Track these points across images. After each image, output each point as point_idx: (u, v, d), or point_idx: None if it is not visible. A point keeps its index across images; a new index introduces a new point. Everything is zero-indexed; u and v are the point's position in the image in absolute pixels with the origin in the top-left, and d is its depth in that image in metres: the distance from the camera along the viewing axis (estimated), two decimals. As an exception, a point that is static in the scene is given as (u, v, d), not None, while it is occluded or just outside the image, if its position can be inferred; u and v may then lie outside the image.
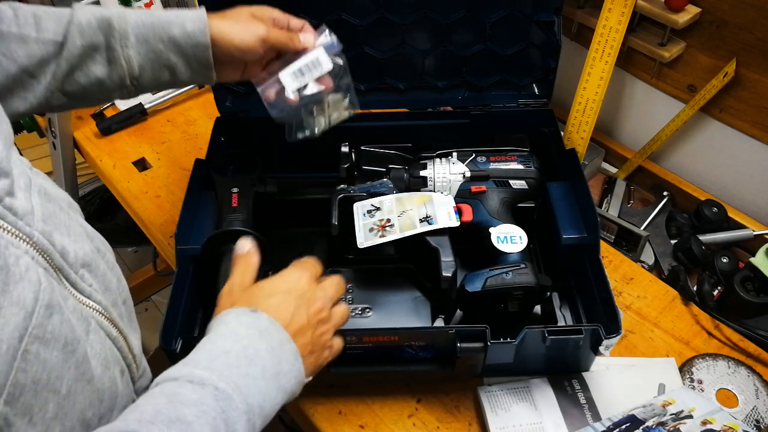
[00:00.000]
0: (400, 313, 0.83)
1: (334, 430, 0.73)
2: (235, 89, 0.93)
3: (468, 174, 0.83)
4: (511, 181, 0.84)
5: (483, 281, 0.73)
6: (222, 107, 0.92)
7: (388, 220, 0.79)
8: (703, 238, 0.94)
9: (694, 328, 0.83)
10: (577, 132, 1.00)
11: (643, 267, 0.91)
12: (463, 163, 0.84)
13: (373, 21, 0.86)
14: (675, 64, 0.98)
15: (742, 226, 0.97)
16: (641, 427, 0.65)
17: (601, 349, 0.68)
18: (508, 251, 0.77)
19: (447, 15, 0.85)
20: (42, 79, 0.59)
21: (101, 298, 0.49)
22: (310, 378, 0.54)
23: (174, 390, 0.44)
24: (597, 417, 0.71)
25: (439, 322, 0.81)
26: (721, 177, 1.03)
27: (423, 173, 0.85)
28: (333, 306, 0.58)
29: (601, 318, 0.71)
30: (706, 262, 0.91)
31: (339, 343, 0.59)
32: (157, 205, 1.00)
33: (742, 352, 0.80)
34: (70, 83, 0.61)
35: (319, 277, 0.59)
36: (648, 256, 0.97)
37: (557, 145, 0.89)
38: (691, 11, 0.90)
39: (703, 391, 0.75)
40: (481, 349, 0.67)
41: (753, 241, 0.94)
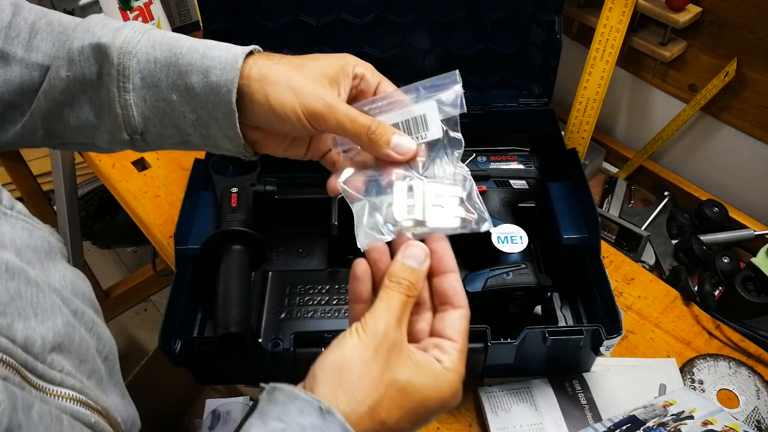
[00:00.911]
0: (400, 313, 0.82)
1: (334, 430, 0.72)
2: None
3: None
4: (511, 181, 0.83)
5: (483, 281, 0.73)
6: (221, 107, 0.92)
7: None
8: (704, 238, 0.94)
9: (695, 328, 0.82)
10: (578, 132, 1.00)
11: (643, 267, 0.91)
12: (463, 162, 0.84)
13: (373, 21, 0.85)
14: (676, 64, 0.98)
15: (743, 226, 0.97)
16: (642, 428, 0.65)
17: (601, 349, 0.67)
18: (509, 251, 0.76)
19: (447, 14, 0.85)
20: (25, 111, 0.47)
21: (75, 380, 0.41)
22: None
23: None
24: (598, 417, 0.71)
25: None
26: (722, 177, 1.03)
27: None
28: None
29: (602, 318, 0.71)
30: (707, 262, 0.91)
31: None
32: (157, 205, 1.00)
33: (743, 352, 0.79)
34: (57, 121, 0.47)
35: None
36: (649, 256, 0.96)
37: (558, 144, 0.89)
38: (692, 11, 0.90)
39: (704, 391, 0.75)
40: (482, 349, 0.67)
41: (754, 241, 0.94)
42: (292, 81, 0.45)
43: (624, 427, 0.66)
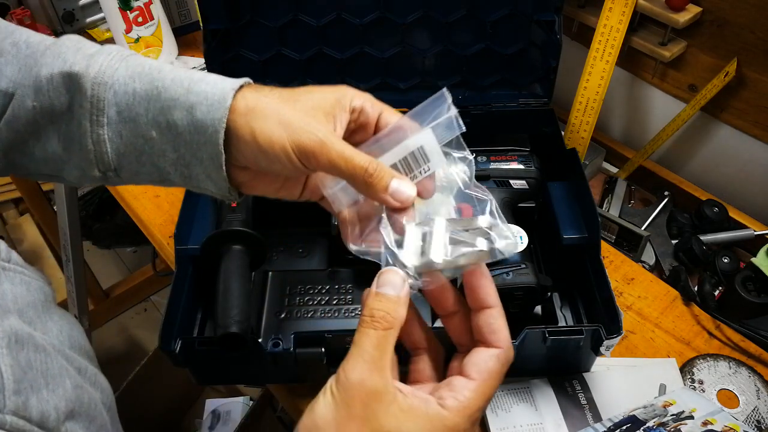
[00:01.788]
0: (400, 313, 0.82)
1: (334, 430, 0.72)
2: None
3: (468, 174, 0.83)
4: (511, 181, 0.83)
5: (483, 281, 0.73)
6: (221, 107, 0.92)
7: None
8: (704, 238, 0.94)
9: (695, 328, 0.82)
10: (578, 132, 1.00)
11: (643, 267, 0.91)
12: (463, 162, 0.84)
13: (373, 20, 0.85)
14: (676, 64, 0.98)
15: (743, 226, 0.97)
16: (642, 428, 0.65)
17: (601, 349, 0.67)
18: (509, 251, 0.76)
19: (447, 14, 0.85)
20: None
21: None
22: None
23: None
24: (598, 417, 0.71)
25: (440, 323, 0.81)
26: (722, 177, 1.03)
27: (423, 173, 0.84)
28: None
29: (602, 318, 0.71)
30: (707, 262, 0.91)
31: None
32: (157, 205, 1.00)
33: (743, 352, 0.79)
34: (21, 153, 0.42)
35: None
36: (649, 256, 0.96)
37: (558, 144, 0.89)
38: (692, 10, 0.90)
39: (704, 391, 0.75)
40: (482, 349, 0.67)
41: (754, 241, 0.94)
42: (281, 114, 0.40)
43: (624, 427, 0.66)
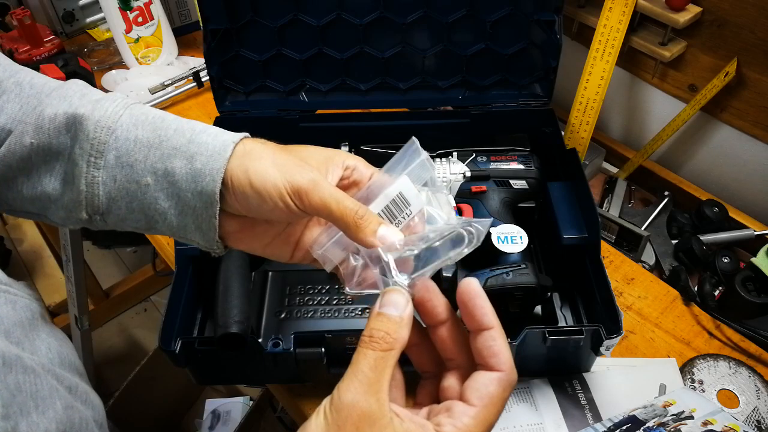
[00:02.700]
0: (400, 313, 0.82)
1: (334, 430, 0.72)
2: (235, 89, 0.92)
3: (468, 174, 0.83)
4: (511, 181, 0.83)
5: (483, 281, 0.73)
6: (221, 107, 0.92)
7: None
8: (704, 238, 0.94)
9: (695, 328, 0.82)
10: (578, 132, 1.00)
11: (643, 267, 0.91)
12: (463, 162, 0.84)
13: (373, 20, 0.85)
14: (676, 64, 0.98)
15: (743, 226, 0.97)
16: (642, 428, 0.65)
17: (601, 349, 0.67)
18: (509, 251, 0.76)
19: (447, 14, 0.85)
20: None
21: None
22: None
23: None
24: (598, 417, 0.71)
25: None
26: (722, 177, 1.03)
27: (423, 173, 0.84)
28: None
29: (602, 318, 0.71)
30: (707, 262, 0.91)
31: None
32: (157, 205, 1.00)
33: (743, 352, 0.79)
34: (8, 188, 0.43)
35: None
36: (649, 256, 0.96)
37: (558, 144, 0.89)
38: (692, 11, 0.90)
39: (704, 391, 0.75)
40: (482, 349, 0.67)
41: (754, 241, 0.94)
42: (276, 157, 0.42)
43: (624, 427, 0.66)
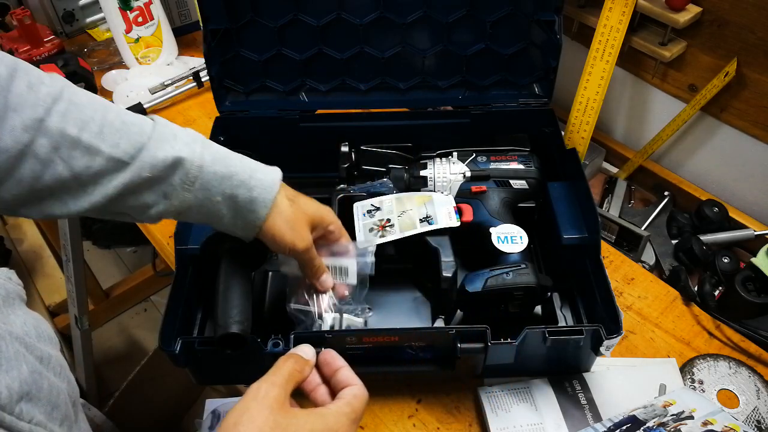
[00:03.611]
0: (400, 313, 0.83)
1: (334, 430, 0.72)
2: (235, 89, 0.92)
3: (468, 174, 0.83)
4: (511, 181, 0.83)
5: (483, 281, 0.73)
6: (221, 107, 0.92)
7: (388, 220, 0.79)
8: (704, 238, 0.94)
9: (695, 328, 0.82)
10: (578, 132, 1.00)
11: (643, 267, 0.91)
12: (463, 162, 0.84)
13: (373, 20, 0.85)
14: (676, 64, 0.98)
15: (743, 226, 0.97)
16: (642, 428, 0.65)
17: (601, 349, 0.67)
18: (509, 251, 0.76)
19: (447, 14, 0.85)
20: (92, 191, 0.53)
21: (45, 430, 0.43)
22: None
23: None
24: (598, 417, 0.71)
25: (440, 323, 0.81)
26: (721, 177, 1.03)
27: (423, 173, 0.85)
28: None
29: (602, 318, 0.71)
30: (707, 262, 0.91)
31: None
32: (157, 205, 1.00)
33: (743, 352, 0.79)
34: (119, 203, 0.56)
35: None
36: (649, 256, 0.96)
37: (558, 144, 0.89)
38: (692, 11, 0.90)
39: (704, 391, 0.75)
40: (482, 349, 0.67)
41: (754, 241, 0.94)
42: (294, 229, 0.64)
43: (624, 427, 0.66)
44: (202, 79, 1.20)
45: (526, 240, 0.78)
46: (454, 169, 0.84)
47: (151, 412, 1.50)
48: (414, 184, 0.85)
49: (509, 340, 0.67)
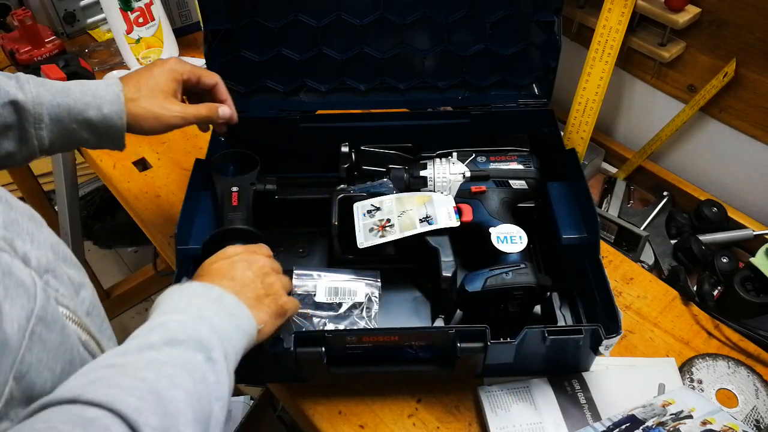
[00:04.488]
0: (400, 313, 0.83)
1: (334, 430, 0.73)
2: (235, 89, 0.93)
3: (468, 174, 0.83)
4: (511, 181, 0.84)
5: (483, 281, 0.73)
6: (222, 107, 0.92)
7: (388, 220, 0.79)
8: (703, 238, 0.94)
9: (694, 328, 0.83)
10: (577, 132, 1.00)
11: (643, 267, 0.91)
12: (463, 163, 0.84)
13: (373, 21, 0.86)
14: (675, 64, 0.98)
15: (742, 226, 0.97)
16: (641, 427, 0.65)
17: (601, 349, 0.68)
18: (508, 251, 0.77)
19: (447, 15, 0.85)
20: None
21: (69, 301, 0.46)
22: (271, 327, 0.61)
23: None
24: (597, 417, 0.71)
25: (439, 322, 0.81)
26: (721, 177, 1.03)
27: (423, 173, 0.85)
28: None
29: (601, 318, 0.71)
30: (706, 262, 0.91)
31: (293, 302, 0.66)
32: (157, 205, 1.00)
33: (742, 352, 0.80)
34: None
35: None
36: (648, 256, 0.97)
37: (557, 145, 0.89)
38: (691, 11, 0.91)
39: (703, 391, 0.75)
40: (481, 349, 0.67)
41: (753, 241, 0.94)
42: (156, 105, 0.70)
43: (623, 426, 0.66)
44: (203, 80, 1.20)
45: (525, 240, 0.78)
46: (453, 170, 0.84)
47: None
48: (414, 184, 0.85)
49: (509, 340, 0.67)
